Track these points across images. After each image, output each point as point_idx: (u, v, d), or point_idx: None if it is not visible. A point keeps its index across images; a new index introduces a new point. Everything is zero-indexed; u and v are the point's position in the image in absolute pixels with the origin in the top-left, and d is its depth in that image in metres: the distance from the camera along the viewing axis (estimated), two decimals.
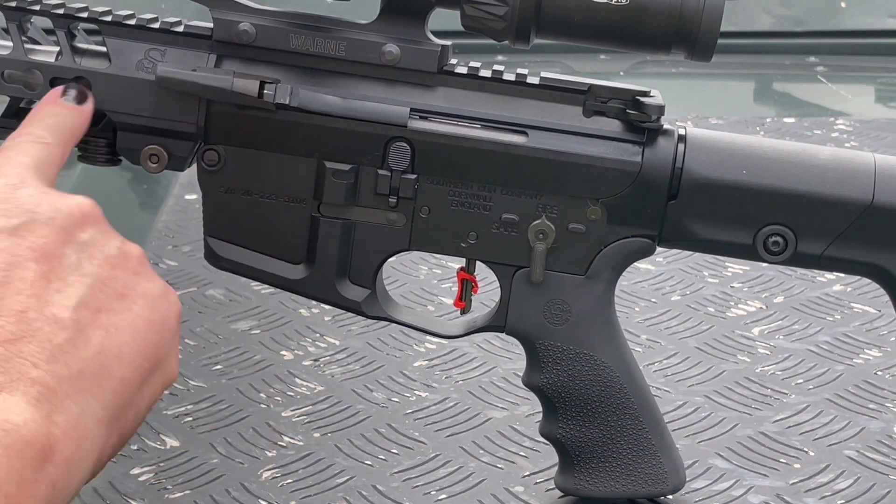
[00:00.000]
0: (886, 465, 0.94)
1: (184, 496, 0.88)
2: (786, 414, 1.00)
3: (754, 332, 1.13)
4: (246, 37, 0.81)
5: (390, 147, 0.81)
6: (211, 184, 0.82)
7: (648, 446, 0.85)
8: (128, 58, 0.80)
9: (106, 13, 0.81)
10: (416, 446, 0.94)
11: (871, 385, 1.05)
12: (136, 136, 0.81)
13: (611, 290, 0.84)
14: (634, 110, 0.81)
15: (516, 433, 0.96)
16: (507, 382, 1.03)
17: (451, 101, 0.82)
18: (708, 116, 1.69)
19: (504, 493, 0.89)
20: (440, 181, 0.82)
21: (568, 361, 0.84)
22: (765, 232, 0.82)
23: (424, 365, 1.06)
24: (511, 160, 0.81)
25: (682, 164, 0.82)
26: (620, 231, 0.83)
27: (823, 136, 1.63)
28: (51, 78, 0.80)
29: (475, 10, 0.78)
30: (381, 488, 0.89)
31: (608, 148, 0.82)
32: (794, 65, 1.96)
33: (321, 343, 1.09)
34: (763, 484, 0.91)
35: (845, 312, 1.17)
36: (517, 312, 0.84)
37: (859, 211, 0.82)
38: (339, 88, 0.81)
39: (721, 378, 1.05)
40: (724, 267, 1.25)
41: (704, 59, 0.78)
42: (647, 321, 1.15)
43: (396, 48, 0.81)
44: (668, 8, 0.77)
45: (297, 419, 0.97)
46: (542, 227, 0.82)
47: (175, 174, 1.40)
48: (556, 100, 0.82)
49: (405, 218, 0.83)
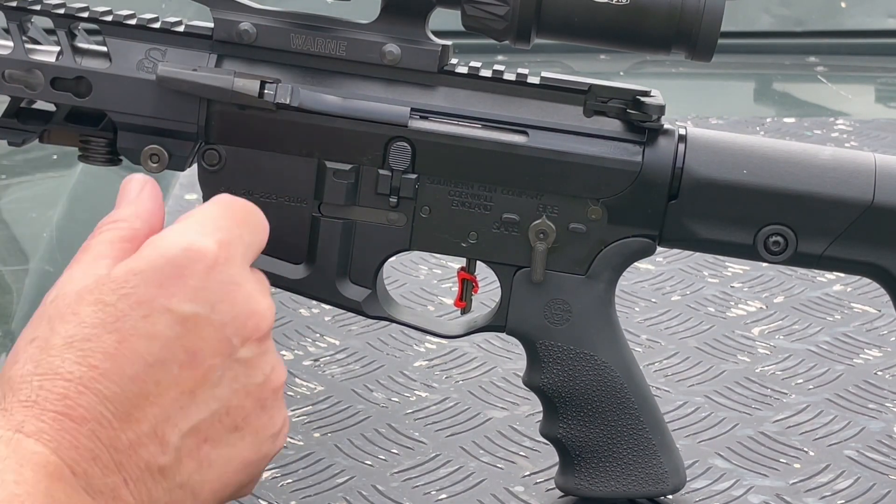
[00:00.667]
0: (886, 465, 0.94)
1: None
2: (786, 414, 1.00)
3: (754, 332, 1.13)
4: (246, 37, 0.81)
5: (391, 147, 0.81)
6: (211, 184, 0.82)
7: (649, 446, 0.85)
8: (128, 58, 0.80)
9: (106, 13, 0.81)
10: (416, 446, 0.94)
11: (871, 385, 1.05)
12: (137, 136, 0.81)
13: (611, 289, 0.84)
14: (635, 110, 0.81)
15: (516, 433, 0.96)
16: (507, 382, 1.03)
17: (452, 100, 0.82)
18: (708, 116, 1.69)
19: (504, 493, 0.89)
20: (441, 181, 0.82)
21: (568, 361, 0.84)
22: (765, 232, 0.82)
23: (424, 365, 1.06)
24: (512, 160, 0.81)
25: (682, 164, 0.82)
26: (621, 231, 0.83)
27: (823, 136, 1.63)
28: (51, 78, 0.80)
29: (476, 9, 0.78)
30: (381, 488, 0.89)
31: (609, 148, 0.82)
32: (794, 65, 1.96)
33: (321, 343, 1.09)
34: (763, 484, 0.91)
35: (845, 312, 1.17)
36: (518, 312, 0.84)
37: (860, 211, 0.82)
38: (339, 88, 0.81)
39: (721, 378, 1.05)
40: (724, 267, 1.25)
41: (705, 59, 0.78)
42: (647, 321, 1.15)
43: (397, 48, 0.81)
44: (669, 8, 0.77)
45: (297, 419, 0.97)
46: (542, 226, 0.82)
47: (175, 174, 1.40)
48: (557, 100, 0.82)
49: (406, 218, 0.83)
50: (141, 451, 0.62)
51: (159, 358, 0.63)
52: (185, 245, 0.65)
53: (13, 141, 0.82)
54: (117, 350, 0.62)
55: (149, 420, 0.62)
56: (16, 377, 0.62)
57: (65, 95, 0.80)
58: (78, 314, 0.64)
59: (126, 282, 0.64)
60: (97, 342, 0.62)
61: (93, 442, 0.61)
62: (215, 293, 0.65)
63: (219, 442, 0.65)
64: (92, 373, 0.62)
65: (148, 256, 0.65)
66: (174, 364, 0.63)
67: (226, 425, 0.65)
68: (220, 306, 0.65)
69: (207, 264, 0.65)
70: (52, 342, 0.63)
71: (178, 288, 0.64)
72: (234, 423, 0.65)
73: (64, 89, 0.80)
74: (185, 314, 0.64)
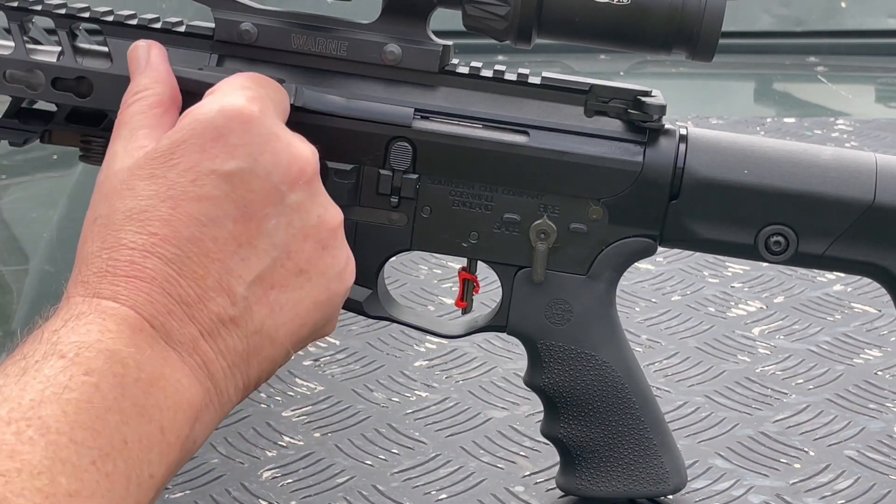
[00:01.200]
0: (886, 465, 0.94)
1: (184, 496, 0.88)
2: (786, 414, 1.00)
3: (754, 332, 1.13)
4: (247, 37, 0.81)
5: (392, 147, 0.81)
6: None
7: (650, 446, 0.85)
8: None
9: (107, 13, 0.81)
10: (416, 446, 0.94)
11: (872, 385, 1.05)
12: None
13: (612, 289, 0.84)
14: (636, 110, 0.81)
15: (516, 433, 0.96)
16: (508, 382, 1.04)
17: (453, 100, 0.82)
18: (708, 116, 1.69)
19: (504, 493, 0.89)
20: (442, 181, 0.82)
21: (569, 361, 0.84)
22: (766, 232, 0.82)
23: (425, 365, 1.06)
24: (512, 160, 0.81)
25: (683, 164, 0.82)
26: (622, 231, 0.83)
27: (824, 136, 1.63)
28: (52, 78, 0.80)
29: (477, 10, 0.78)
30: (381, 488, 0.89)
31: (610, 148, 0.82)
32: (794, 65, 1.96)
33: (321, 343, 1.09)
34: (763, 484, 0.91)
35: (845, 312, 1.17)
36: (519, 312, 0.84)
37: (860, 211, 0.82)
38: (340, 88, 0.81)
39: (721, 378, 1.05)
40: (724, 267, 1.25)
41: (706, 59, 0.78)
42: (647, 321, 1.15)
43: (398, 48, 0.81)
44: (670, 8, 0.77)
45: (298, 419, 0.97)
46: (543, 226, 0.82)
47: None
48: (558, 100, 0.82)
49: (407, 218, 0.83)
50: (210, 305, 0.66)
51: (212, 217, 0.67)
52: (219, 108, 0.69)
53: (14, 141, 0.82)
54: (171, 215, 0.66)
55: (212, 275, 0.66)
56: (87, 255, 0.67)
57: (66, 95, 0.80)
58: (133, 189, 0.68)
59: (172, 153, 0.68)
60: (153, 212, 0.67)
61: (165, 298, 0.65)
62: (255, 146, 0.68)
63: (286, 286, 0.69)
64: (152, 239, 0.66)
65: (188, 125, 0.69)
66: (227, 220, 0.67)
67: (290, 269, 0.69)
68: (262, 158, 0.68)
69: (243, 120, 0.68)
70: (113, 218, 0.67)
71: (220, 148, 0.68)
72: (298, 267, 0.69)
73: (65, 89, 0.80)
74: (229, 171, 0.67)
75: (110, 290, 0.65)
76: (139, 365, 0.63)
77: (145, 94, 0.73)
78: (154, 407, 0.63)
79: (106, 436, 0.61)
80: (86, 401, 0.61)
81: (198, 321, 0.66)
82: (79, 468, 0.59)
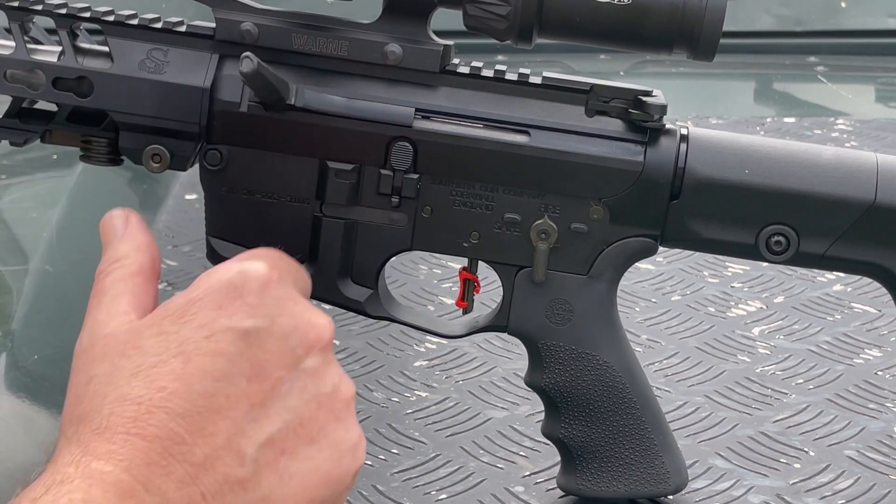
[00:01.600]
0: (886, 465, 0.94)
1: None
2: (786, 414, 1.00)
3: (754, 332, 1.13)
4: (248, 37, 0.81)
5: (393, 147, 0.81)
6: (213, 184, 0.82)
7: (651, 446, 0.85)
8: (130, 58, 0.80)
9: (108, 13, 0.81)
10: (416, 446, 0.94)
11: (872, 385, 1.05)
12: (139, 136, 0.81)
13: (613, 289, 0.84)
14: (637, 110, 0.81)
15: (516, 433, 0.96)
16: (508, 382, 1.04)
17: (454, 100, 0.82)
18: (708, 116, 1.69)
19: (504, 493, 0.89)
20: (442, 181, 0.82)
21: (570, 361, 0.84)
22: (767, 231, 0.82)
23: (424, 365, 1.06)
24: (513, 160, 0.81)
25: (684, 164, 0.82)
26: (623, 231, 0.83)
27: (824, 135, 1.63)
28: (53, 78, 0.80)
29: (478, 9, 0.78)
30: (381, 488, 0.89)
31: (610, 147, 0.82)
32: (794, 65, 1.96)
33: None
34: (763, 484, 0.91)
35: (845, 312, 1.17)
36: (519, 312, 0.84)
37: (861, 210, 0.82)
38: (341, 88, 0.81)
39: (721, 378, 1.05)
40: (724, 267, 1.25)
41: (707, 58, 0.78)
42: (647, 321, 1.15)
43: (399, 48, 0.81)
44: (671, 8, 0.77)
45: None
46: (544, 226, 0.82)
47: (175, 174, 1.40)
48: (559, 99, 0.82)
49: (407, 218, 0.82)
50: (218, 465, 0.62)
51: (226, 373, 0.63)
52: (238, 269, 0.66)
53: (15, 141, 0.82)
54: (184, 369, 0.63)
55: (222, 433, 0.62)
56: (85, 412, 0.63)
57: (67, 95, 0.80)
58: (140, 347, 0.64)
59: (186, 310, 0.65)
60: (163, 367, 0.63)
61: (165, 458, 0.61)
62: (273, 308, 0.65)
63: (296, 454, 0.65)
64: (161, 393, 0.62)
65: (204, 284, 0.66)
66: (241, 378, 0.63)
67: (301, 437, 0.65)
68: (279, 319, 0.65)
69: (262, 282, 0.66)
70: (116, 375, 0.64)
71: (237, 307, 0.65)
72: (310, 435, 0.65)
73: (66, 89, 0.80)
74: (246, 329, 0.64)
75: (105, 449, 0.61)
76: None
77: (126, 262, 0.70)
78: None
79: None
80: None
81: (202, 482, 0.62)
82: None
